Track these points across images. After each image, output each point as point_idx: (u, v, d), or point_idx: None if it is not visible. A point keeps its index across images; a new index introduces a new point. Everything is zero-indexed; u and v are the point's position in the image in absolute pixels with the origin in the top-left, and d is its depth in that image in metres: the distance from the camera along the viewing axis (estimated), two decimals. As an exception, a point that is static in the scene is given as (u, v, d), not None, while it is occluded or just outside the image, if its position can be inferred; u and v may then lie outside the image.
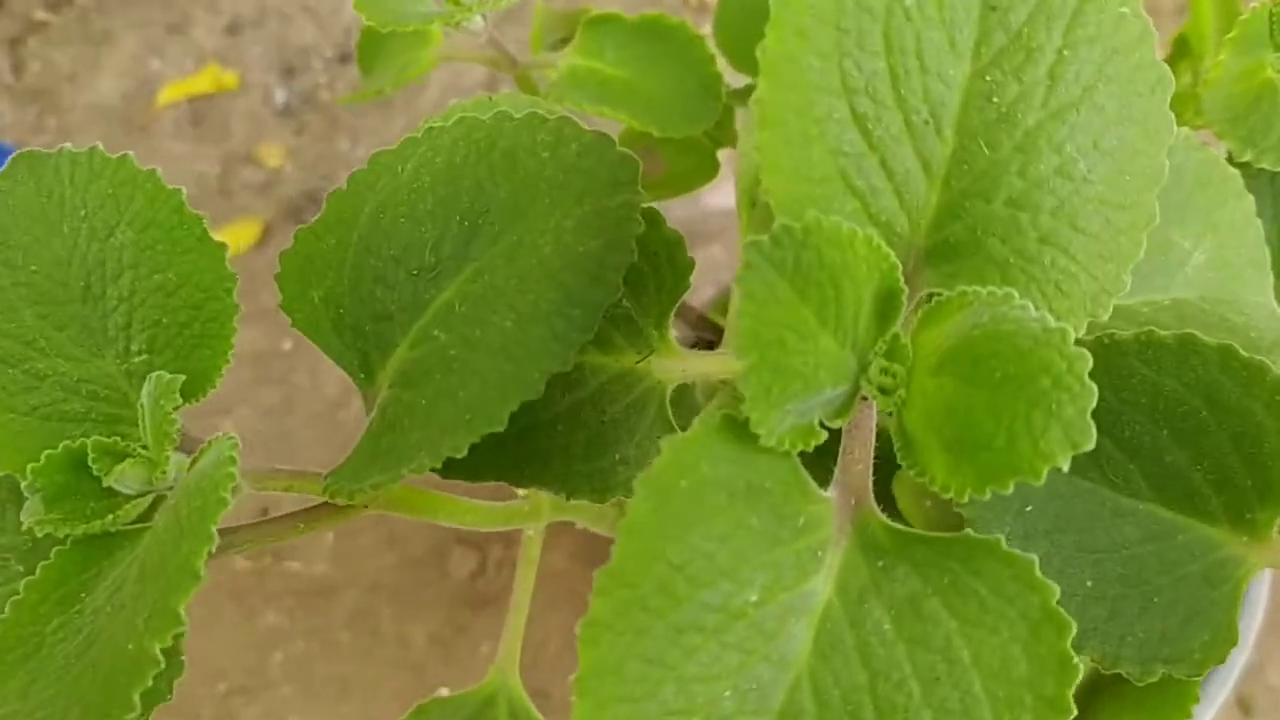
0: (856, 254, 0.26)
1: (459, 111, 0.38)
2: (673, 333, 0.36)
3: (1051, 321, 0.26)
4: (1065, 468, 0.25)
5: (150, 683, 0.24)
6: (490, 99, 0.43)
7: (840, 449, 0.30)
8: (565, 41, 0.57)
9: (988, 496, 0.25)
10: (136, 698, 0.24)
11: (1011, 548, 0.34)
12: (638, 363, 0.36)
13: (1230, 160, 0.42)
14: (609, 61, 0.50)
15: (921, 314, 0.28)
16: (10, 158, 0.33)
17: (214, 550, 0.32)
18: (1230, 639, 0.34)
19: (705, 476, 0.26)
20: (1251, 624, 0.66)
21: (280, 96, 1.28)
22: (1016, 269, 0.28)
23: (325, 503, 0.37)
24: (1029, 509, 0.35)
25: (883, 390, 0.27)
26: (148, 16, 1.31)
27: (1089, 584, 0.34)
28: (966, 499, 0.26)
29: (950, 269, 0.28)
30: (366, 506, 0.37)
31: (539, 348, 0.28)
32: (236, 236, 1.22)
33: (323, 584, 1.10)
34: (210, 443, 0.29)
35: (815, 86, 0.26)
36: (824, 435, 0.27)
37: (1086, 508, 0.35)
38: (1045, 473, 0.25)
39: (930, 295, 0.29)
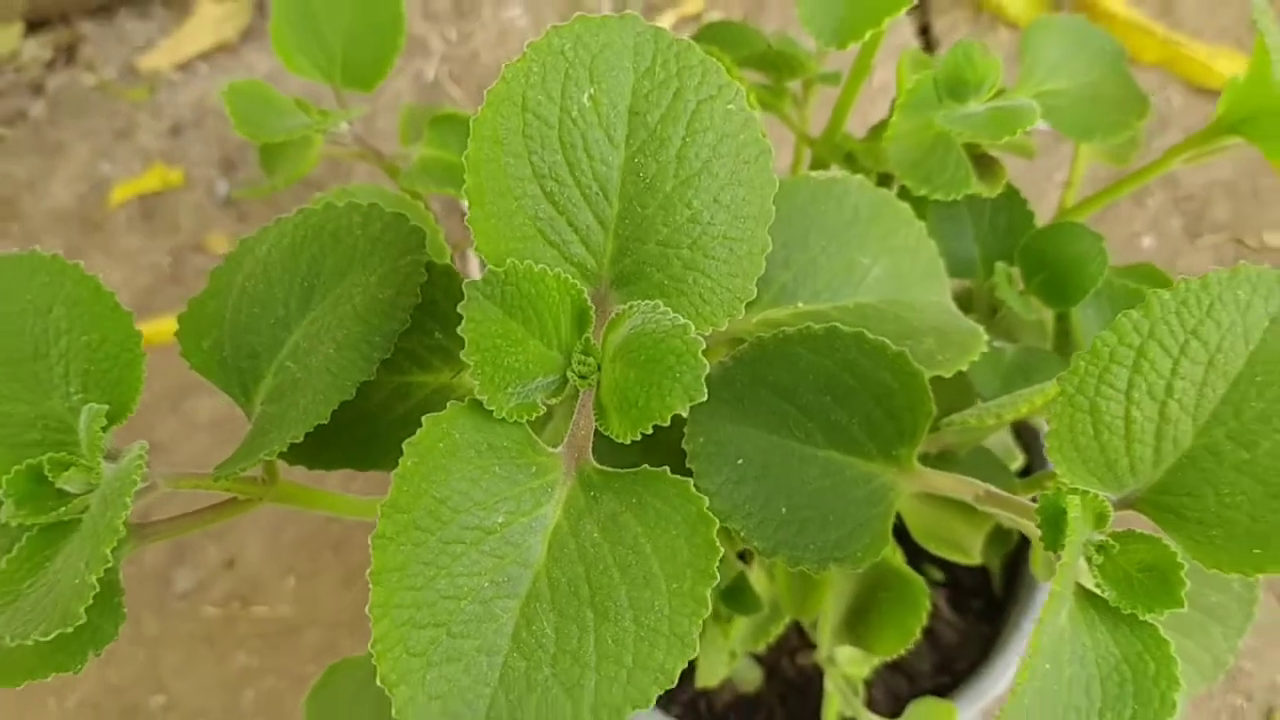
0: (547, 285, 0.39)
1: (318, 201, 0.51)
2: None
3: (680, 320, 0.39)
4: (684, 413, 0.38)
5: (90, 601, 0.37)
6: (344, 190, 0.56)
7: (571, 421, 0.42)
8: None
9: (639, 437, 0.38)
10: (82, 610, 0.36)
11: (726, 488, 0.47)
12: (452, 378, 0.49)
13: (904, 195, 0.55)
14: (451, 150, 0.64)
15: (608, 322, 0.41)
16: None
17: (139, 541, 0.45)
18: (883, 543, 0.47)
19: (456, 440, 0.39)
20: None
21: (222, 189, 1.41)
22: (670, 288, 0.41)
23: (232, 498, 0.49)
24: (740, 461, 0.47)
25: (581, 376, 0.40)
26: (96, 125, 1.44)
27: (784, 511, 0.47)
28: (629, 441, 0.39)
29: (628, 291, 0.42)
30: (262, 499, 0.49)
31: (350, 365, 0.41)
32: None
33: (288, 624, 1.21)
34: (126, 450, 0.41)
35: (512, 176, 0.40)
36: (544, 409, 0.40)
37: (781, 457, 0.48)
38: (670, 418, 0.38)
39: (617, 310, 0.42)
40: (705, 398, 0.38)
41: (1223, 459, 0.41)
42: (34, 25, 1.52)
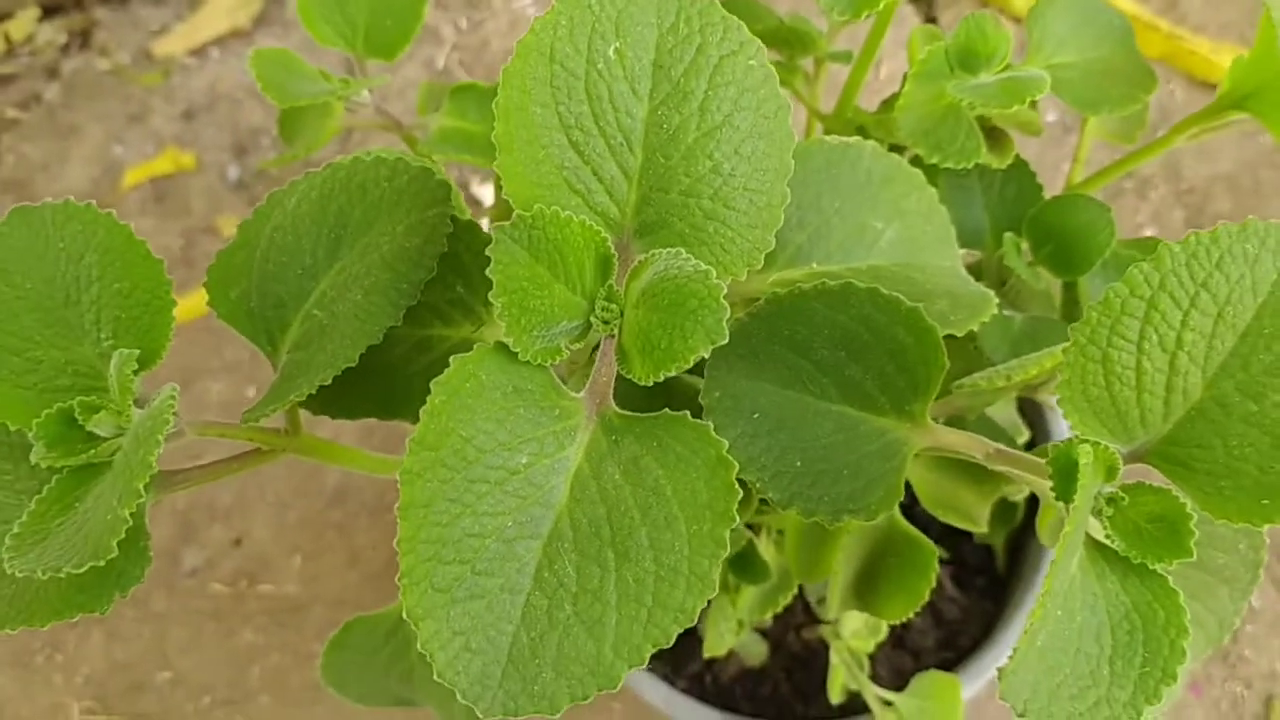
0: (573, 231, 0.40)
1: (345, 158, 0.52)
2: (497, 308, 0.50)
3: (701, 267, 0.40)
4: (706, 355, 0.38)
5: (122, 534, 0.37)
6: (367, 152, 0.57)
7: (594, 367, 0.43)
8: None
9: (662, 378, 0.39)
10: (114, 543, 0.37)
11: (742, 441, 0.48)
12: (473, 332, 0.50)
13: (916, 163, 0.56)
14: (470, 120, 0.65)
15: (631, 269, 0.42)
16: (9, 211, 0.47)
17: (165, 488, 0.46)
18: (896, 496, 0.47)
19: (483, 381, 0.39)
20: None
21: (234, 173, 1.42)
22: (691, 237, 0.42)
23: (255, 449, 0.50)
24: (755, 415, 0.48)
25: (604, 321, 0.41)
26: (109, 109, 1.45)
27: (798, 464, 0.47)
28: (651, 383, 0.40)
29: (650, 239, 0.42)
30: (285, 450, 0.50)
31: (378, 310, 0.42)
32: (199, 301, 1.36)
33: (293, 602, 1.22)
34: (157, 394, 0.42)
35: (540, 125, 0.40)
36: (567, 353, 0.41)
37: (795, 411, 0.48)
38: (693, 360, 0.39)
39: (639, 258, 0.42)
40: (726, 340, 0.38)
41: (1231, 411, 0.41)
42: (49, 10, 1.53)
